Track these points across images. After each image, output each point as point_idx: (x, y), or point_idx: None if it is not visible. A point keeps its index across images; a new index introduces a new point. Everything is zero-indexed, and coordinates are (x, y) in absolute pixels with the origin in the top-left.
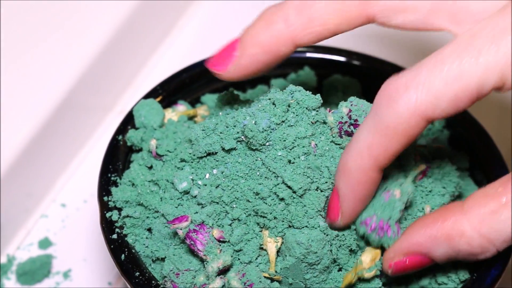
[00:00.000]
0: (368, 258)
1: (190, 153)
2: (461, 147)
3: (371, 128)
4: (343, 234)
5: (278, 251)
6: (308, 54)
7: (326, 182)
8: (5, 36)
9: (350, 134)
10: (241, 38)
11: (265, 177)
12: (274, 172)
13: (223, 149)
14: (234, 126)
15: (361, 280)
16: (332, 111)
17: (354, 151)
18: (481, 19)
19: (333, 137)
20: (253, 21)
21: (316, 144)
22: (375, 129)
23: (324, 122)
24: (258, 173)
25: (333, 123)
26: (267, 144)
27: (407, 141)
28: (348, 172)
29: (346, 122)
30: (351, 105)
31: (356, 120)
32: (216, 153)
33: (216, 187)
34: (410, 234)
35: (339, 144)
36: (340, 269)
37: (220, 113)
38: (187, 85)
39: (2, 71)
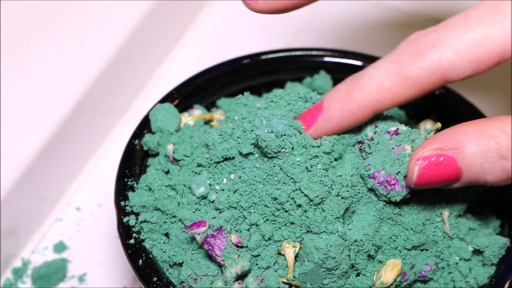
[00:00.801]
0: (390, 276)
1: (207, 158)
2: None
3: (389, 72)
4: (361, 240)
5: (296, 256)
6: (325, 59)
7: (347, 191)
8: (21, 39)
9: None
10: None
11: (283, 183)
12: (292, 178)
13: (241, 153)
14: (251, 130)
15: None
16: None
17: (364, 85)
18: None
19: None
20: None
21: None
22: (394, 75)
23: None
24: (276, 179)
25: (354, 139)
26: (282, 151)
27: (418, 95)
28: (349, 99)
29: (365, 143)
30: (375, 128)
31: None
32: (233, 158)
33: (234, 192)
34: (440, 133)
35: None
36: (358, 274)
37: (236, 117)
38: (202, 89)
39: (18, 75)
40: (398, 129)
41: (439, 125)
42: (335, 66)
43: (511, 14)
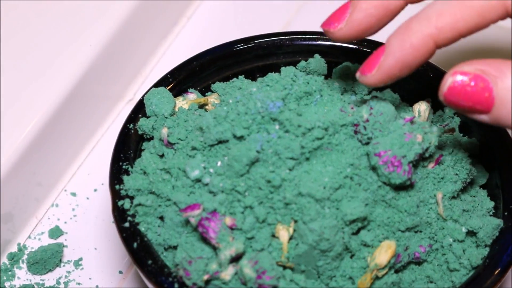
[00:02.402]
0: (385, 258)
1: (201, 141)
2: (472, 133)
3: (451, 1)
4: (355, 221)
5: (290, 239)
6: (319, 42)
7: (341, 172)
8: (16, 25)
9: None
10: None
11: (277, 166)
12: (285, 161)
13: (235, 136)
14: (246, 113)
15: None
16: (352, 107)
17: (423, 14)
18: None
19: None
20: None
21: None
22: (456, 1)
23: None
24: (270, 161)
25: (349, 122)
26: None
27: (479, 24)
28: (408, 30)
29: (360, 125)
30: (370, 110)
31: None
32: (227, 141)
33: (228, 175)
34: (486, 59)
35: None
36: (352, 256)
37: (231, 100)
38: (197, 73)
39: (13, 61)
40: (414, 117)
41: (453, 128)
42: (330, 49)
43: None
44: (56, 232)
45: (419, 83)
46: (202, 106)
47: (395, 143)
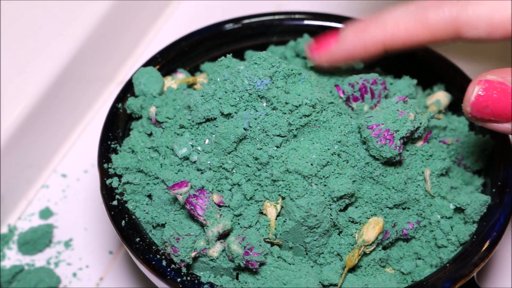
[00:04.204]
0: (372, 234)
1: (189, 119)
2: (461, 112)
3: (409, 13)
4: (343, 198)
5: (278, 216)
6: (307, 22)
7: (328, 149)
8: (5, 8)
9: (356, 99)
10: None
11: (265, 143)
12: (272, 138)
13: (222, 114)
14: (233, 91)
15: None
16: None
17: (382, 19)
18: None
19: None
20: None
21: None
22: (413, 16)
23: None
24: (257, 138)
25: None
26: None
27: (428, 40)
28: (364, 29)
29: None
30: (360, 79)
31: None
32: (215, 118)
33: (215, 153)
34: (503, 68)
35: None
36: (340, 233)
37: (218, 79)
38: (186, 53)
39: (2, 43)
40: (407, 97)
41: (440, 116)
42: (318, 29)
43: None
44: (46, 213)
45: (408, 61)
46: (190, 85)
47: (389, 118)
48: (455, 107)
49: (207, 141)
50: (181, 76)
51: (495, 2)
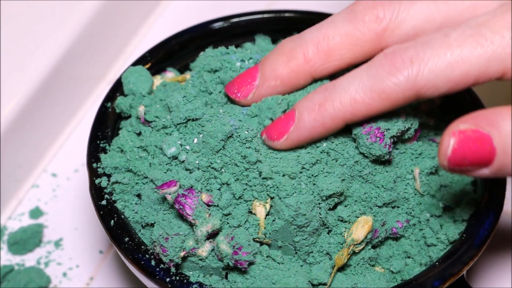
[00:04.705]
0: (361, 233)
1: (170, 119)
2: (452, 110)
3: (364, 85)
4: (332, 197)
5: (267, 215)
6: (296, 20)
7: (317, 147)
8: None
9: None
10: (261, 70)
11: (253, 141)
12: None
13: (206, 114)
14: (220, 91)
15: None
16: None
17: (338, 96)
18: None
19: None
20: (272, 52)
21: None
22: (369, 88)
23: None
24: (245, 137)
25: None
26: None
27: (389, 108)
28: (321, 111)
29: None
30: None
31: None
32: (200, 118)
33: (204, 152)
34: (473, 112)
35: None
36: (329, 232)
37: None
38: (176, 52)
39: None
40: None
41: (432, 121)
42: (308, 27)
43: (490, 40)
44: (36, 212)
45: None
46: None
47: (380, 116)
48: (445, 106)
49: (195, 140)
50: (171, 75)
51: (450, 57)
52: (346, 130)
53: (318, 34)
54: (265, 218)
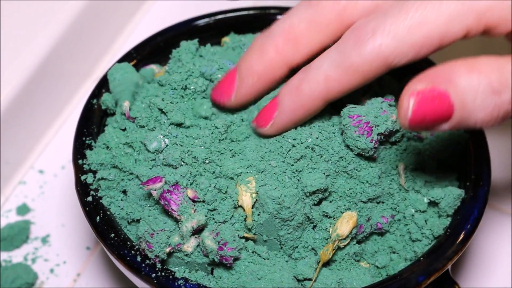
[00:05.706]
0: (346, 228)
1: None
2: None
3: (334, 62)
4: (316, 192)
5: (252, 207)
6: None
7: (302, 142)
8: None
9: None
10: (238, 70)
11: (238, 135)
12: (243, 132)
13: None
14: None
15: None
16: None
17: (312, 76)
18: None
19: None
20: (246, 51)
21: None
22: (338, 64)
23: None
24: (232, 132)
25: None
26: None
27: (363, 82)
28: (299, 92)
29: None
30: None
31: None
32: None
33: (187, 147)
34: (429, 70)
35: None
36: (314, 227)
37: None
38: (161, 49)
39: None
40: (393, 100)
41: None
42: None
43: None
44: (23, 209)
45: None
46: None
47: (371, 112)
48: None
49: (178, 135)
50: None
51: (409, 21)
52: (332, 125)
53: (284, 25)
54: (252, 208)
